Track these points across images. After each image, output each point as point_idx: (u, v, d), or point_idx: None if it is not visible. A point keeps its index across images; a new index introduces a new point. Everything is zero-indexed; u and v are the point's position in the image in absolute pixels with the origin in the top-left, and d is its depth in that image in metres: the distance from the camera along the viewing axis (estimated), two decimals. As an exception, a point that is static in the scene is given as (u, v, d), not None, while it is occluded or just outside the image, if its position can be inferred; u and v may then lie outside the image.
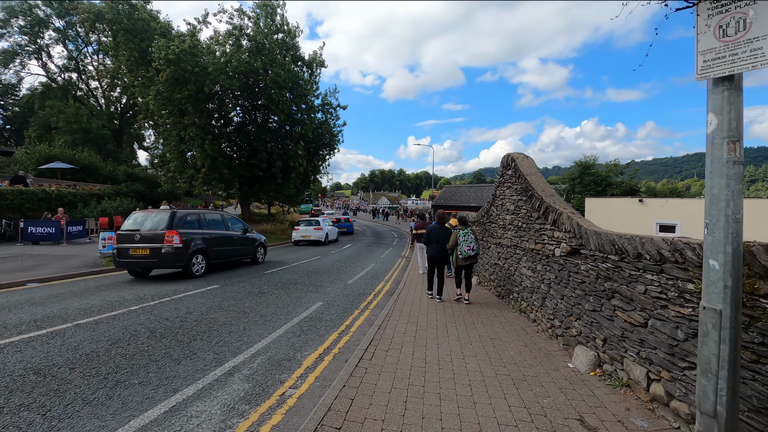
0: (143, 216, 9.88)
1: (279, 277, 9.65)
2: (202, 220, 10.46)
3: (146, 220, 9.57)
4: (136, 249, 9.05)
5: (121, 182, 28.30)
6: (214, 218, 11.20)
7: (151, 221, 9.47)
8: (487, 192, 20.52)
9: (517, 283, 6.60)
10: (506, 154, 7.28)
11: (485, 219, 8.81)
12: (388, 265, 13.10)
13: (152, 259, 8.98)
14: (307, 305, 6.81)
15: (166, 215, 9.53)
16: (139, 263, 9.19)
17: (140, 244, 9.05)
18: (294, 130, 26.59)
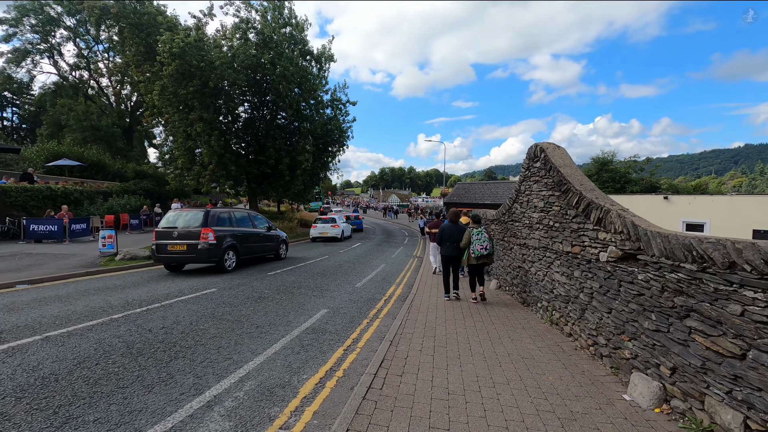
0: (180, 214, 10.49)
1: (282, 280, 8.99)
2: (232, 218, 10.99)
3: (183, 218, 10.13)
4: (173, 245, 9.58)
5: (130, 180, 28.11)
6: (242, 216, 11.80)
7: (187, 219, 10.05)
8: (501, 189, 19.66)
9: (548, 290, 5.80)
10: (533, 144, 6.47)
11: (507, 217, 8.01)
12: (399, 266, 12.37)
13: (189, 255, 9.52)
14: (311, 313, 6.12)
15: (201, 214, 10.13)
16: (176, 258, 9.71)
17: (178, 241, 9.58)
18: (302, 126, 25.99)
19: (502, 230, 8.34)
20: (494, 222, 9.06)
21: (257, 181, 27.11)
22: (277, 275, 9.63)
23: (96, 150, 28.95)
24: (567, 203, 5.09)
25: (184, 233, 9.65)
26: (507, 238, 7.99)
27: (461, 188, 21.31)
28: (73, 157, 25.91)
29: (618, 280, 3.91)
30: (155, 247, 9.80)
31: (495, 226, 8.97)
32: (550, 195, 5.72)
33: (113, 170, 28.92)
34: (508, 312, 6.49)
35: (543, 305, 5.99)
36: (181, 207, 24.73)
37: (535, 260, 6.32)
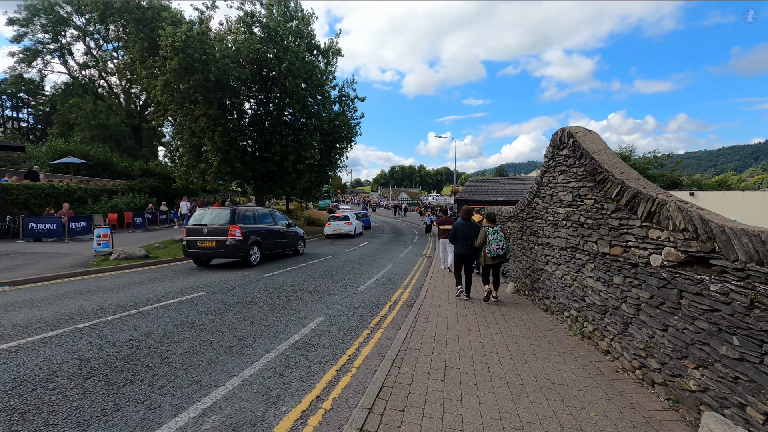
0: (209, 212, 11.08)
1: (279, 282, 8.31)
2: (256, 216, 11.65)
3: (211, 216, 10.70)
4: (203, 241, 10.14)
5: (137, 178, 27.88)
6: (264, 213, 12.52)
7: (215, 217, 10.60)
8: (516, 185, 18.72)
9: (577, 298, 4.98)
10: (559, 129, 5.64)
11: (526, 213, 7.18)
12: (407, 267, 11.60)
13: (218, 250, 10.10)
14: (304, 321, 5.40)
15: (228, 212, 10.77)
16: (206, 253, 10.30)
17: (207, 237, 10.16)
18: (309, 123, 25.39)
19: (521, 228, 7.51)
20: (511, 219, 8.24)
21: (263, 179, 26.61)
22: (274, 277, 8.96)
23: (103, 148, 28.81)
24: (604, 195, 4.27)
25: (213, 230, 10.20)
26: (526, 237, 7.16)
27: (473, 185, 20.41)
28: (80, 156, 25.76)
29: (678, 290, 3.09)
30: (186, 243, 10.36)
31: (512, 223, 8.15)
32: (580, 187, 4.90)
33: (120, 168, 28.74)
34: (529, 320, 5.69)
35: (571, 315, 5.17)
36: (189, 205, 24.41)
37: (561, 262, 5.50)
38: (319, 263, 11.54)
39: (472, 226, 7.19)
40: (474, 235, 7.02)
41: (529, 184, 18.81)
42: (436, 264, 12.06)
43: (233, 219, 10.34)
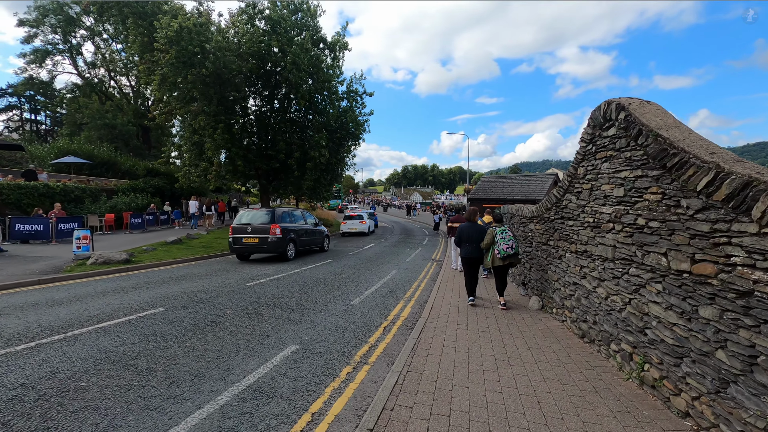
0: (246, 213, 12.54)
1: (259, 294, 7.17)
2: (290, 216, 13.01)
3: (251, 216, 12.00)
4: (248, 238, 11.46)
5: (141, 177, 27.33)
6: (297, 214, 13.99)
7: (255, 217, 11.91)
8: (534, 183, 17.24)
9: (633, 329, 3.65)
10: (603, 103, 4.29)
11: (553, 213, 5.84)
12: (413, 273, 10.34)
13: (261, 246, 11.41)
14: (270, 352, 4.21)
15: (269, 213, 12.07)
16: (249, 249, 11.61)
17: (251, 235, 11.45)
18: (315, 119, 24.34)
19: (546, 231, 6.17)
20: (533, 220, 6.89)
21: (267, 178, 25.67)
22: (256, 287, 7.81)
23: (107, 148, 28.35)
24: (681, 187, 2.94)
25: (256, 228, 11.46)
26: (554, 242, 5.82)
27: (486, 183, 18.98)
28: (83, 155, 25.28)
29: None
30: (232, 240, 11.70)
31: (535, 225, 6.81)
32: (637, 177, 3.56)
33: (124, 168, 28.24)
34: (561, 351, 4.38)
35: (622, 350, 3.84)
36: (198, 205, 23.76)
37: (606, 278, 4.16)
38: (314, 269, 10.40)
39: (478, 227, 6.95)
40: (480, 237, 6.73)
41: (549, 181, 17.30)
42: (447, 268, 10.79)
43: (273, 219, 11.67)
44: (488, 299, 7.11)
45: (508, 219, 9.75)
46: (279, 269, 10.22)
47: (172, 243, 14.04)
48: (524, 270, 7.73)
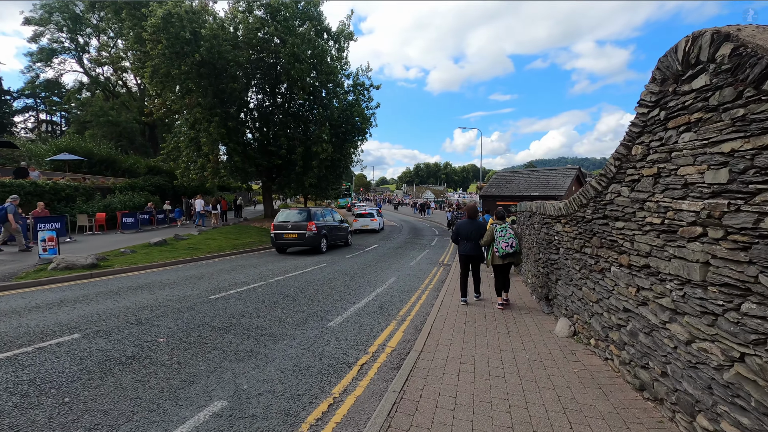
0: (290, 212, 14.03)
1: (218, 310, 5.87)
2: (322, 214, 14.48)
3: (290, 215, 13.60)
4: (288, 233, 13.02)
5: (141, 175, 26.57)
6: (326, 212, 15.52)
7: (293, 215, 13.54)
8: (554, 177, 15.54)
9: (754, 407, 2.18)
10: (684, 38, 2.78)
11: (590, 212, 4.35)
12: (415, 281, 8.93)
13: (299, 240, 12.95)
14: (173, 420, 2.86)
15: (305, 211, 13.76)
16: (289, 243, 13.20)
17: (291, 231, 12.99)
18: (318, 113, 23.10)
19: (580, 235, 4.67)
20: (560, 220, 5.40)
21: (270, 175, 24.56)
22: (220, 300, 6.52)
23: (107, 145, 27.66)
24: None
25: (295, 225, 13.08)
26: (593, 250, 4.32)
27: (501, 178, 17.38)
28: (82, 153, 24.61)
29: None
30: (274, 235, 13.34)
31: (563, 227, 5.31)
32: (759, 150, 2.08)
33: (125, 166, 27.52)
34: (614, 417, 2.92)
35: (710, 414, 2.37)
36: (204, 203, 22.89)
37: (688, 311, 2.68)
38: (299, 275, 9.08)
39: (477, 224, 6.75)
40: (479, 234, 6.58)
41: (571, 176, 15.59)
42: (455, 274, 9.36)
43: (309, 217, 13.32)
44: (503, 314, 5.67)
45: (527, 218, 8.26)
46: (259, 275, 8.94)
47: (156, 244, 12.93)
48: (547, 282, 6.23)
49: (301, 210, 14.11)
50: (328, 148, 21.47)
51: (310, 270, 9.86)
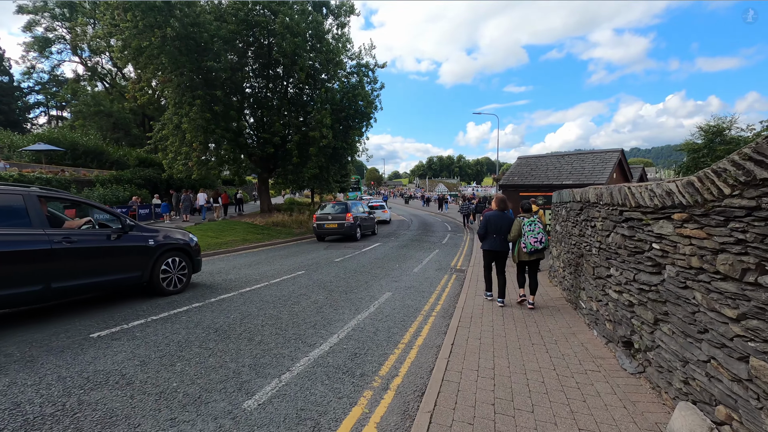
0: (331, 205, 16.15)
1: (96, 368, 3.61)
2: (356, 206, 16.59)
3: (332, 208, 15.81)
4: (329, 224, 15.13)
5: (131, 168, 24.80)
6: (359, 204, 17.59)
7: (335, 208, 15.73)
8: (590, 163, 12.70)
9: None
10: None
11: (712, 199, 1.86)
12: (416, 299, 6.53)
13: (339, 230, 15.05)
14: None
15: (343, 204, 15.98)
16: (330, 232, 15.18)
17: (332, 221, 15.14)
18: (316, 95, 20.76)
19: (736, 246, 2.18)
20: (671, 216, 2.89)
21: (265, 166, 22.37)
22: (100, 354, 4.27)
23: (95, 136, 25.93)
24: None
25: (335, 217, 15.07)
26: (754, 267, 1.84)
27: (524, 165, 14.78)
28: (66, 144, 22.92)
29: None
30: (316, 225, 15.17)
31: (683, 228, 2.81)
32: None
33: (114, 157, 25.79)
34: None
35: None
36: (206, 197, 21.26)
37: None
38: (253, 292, 6.78)
39: (508, 218, 6.05)
40: (509, 229, 5.94)
41: (612, 160, 12.83)
42: (472, 283, 6.96)
43: (347, 209, 15.16)
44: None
45: (575, 214, 5.79)
46: (154, 307, 6.69)
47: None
48: (631, 318, 3.75)
49: (339, 203, 16.27)
50: (328, 134, 19.15)
51: (278, 282, 7.56)
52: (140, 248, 5.96)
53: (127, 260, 5.82)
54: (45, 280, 4.80)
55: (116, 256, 5.68)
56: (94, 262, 5.39)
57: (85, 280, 5.24)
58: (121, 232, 5.76)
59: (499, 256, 6.11)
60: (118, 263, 5.71)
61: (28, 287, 4.66)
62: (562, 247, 6.97)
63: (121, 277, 5.73)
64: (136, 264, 5.92)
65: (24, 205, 4.82)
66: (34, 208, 4.88)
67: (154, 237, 6.22)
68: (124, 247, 5.77)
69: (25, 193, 4.89)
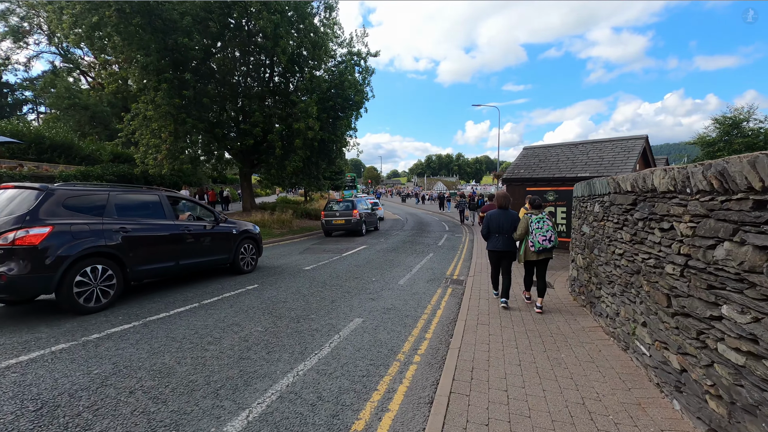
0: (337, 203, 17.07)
1: None
2: (361, 202, 17.78)
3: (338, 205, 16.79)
4: (337, 219, 16.02)
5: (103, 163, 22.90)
6: (364, 201, 19.40)
7: (341, 205, 16.66)
8: (609, 152, 10.83)
9: None
10: None
11: None
12: (395, 328, 4.71)
13: (346, 225, 15.84)
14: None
15: (350, 202, 16.85)
16: (337, 227, 16.01)
17: (339, 217, 16.06)
18: (300, 82, 18.93)
19: None
20: None
21: (245, 159, 20.48)
22: None
23: (64, 130, 24.02)
24: None
25: (342, 213, 16.14)
26: None
27: (531, 156, 12.94)
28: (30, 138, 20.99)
29: None
30: (324, 221, 16.29)
31: None
32: None
33: (85, 152, 23.87)
34: None
35: None
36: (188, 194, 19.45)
37: None
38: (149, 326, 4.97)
39: (511, 215, 5.60)
40: (512, 227, 5.51)
41: (636, 149, 10.91)
42: (473, 301, 5.16)
43: (354, 206, 16.28)
44: None
45: (621, 211, 3.99)
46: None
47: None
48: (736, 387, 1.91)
49: (345, 200, 17.08)
50: (314, 125, 17.34)
51: (214, 302, 5.72)
52: (228, 235, 7.62)
53: (221, 245, 7.45)
54: (176, 258, 6.39)
55: (214, 241, 7.29)
56: (202, 245, 6.97)
57: (197, 259, 6.85)
58: (215, 223, 7.40)
59: (503, 255, 5.65)
60: (215, 247, 7.32)
61: (167, 263, 6.23)
62: (593, 255, 5.15)
63: (216, 258, 7.36)
64: (225, 248, 7.56)
65: (160, 202, 6.37)
66: (166, 205, 6.44)
67: (236, 227, 7.88)
68: (218, 234, 7.39)
69: (159, 193, 6.49)
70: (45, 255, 4.72)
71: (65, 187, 5.40)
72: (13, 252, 4.57)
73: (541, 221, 5.24)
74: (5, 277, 4.48)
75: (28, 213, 4.83)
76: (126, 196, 5.96)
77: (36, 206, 4.90)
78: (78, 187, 5.59)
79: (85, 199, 5.47)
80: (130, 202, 5.95)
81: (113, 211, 5.63)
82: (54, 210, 5.03)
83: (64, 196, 5.24)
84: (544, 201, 11.44)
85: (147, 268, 5.87)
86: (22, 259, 4.59)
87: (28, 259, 4.61)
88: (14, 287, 4.57)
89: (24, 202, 5.00)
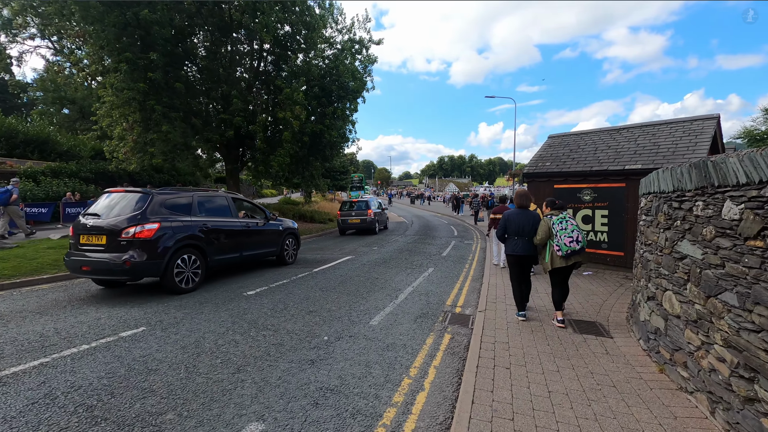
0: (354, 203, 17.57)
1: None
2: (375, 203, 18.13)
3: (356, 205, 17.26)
4: (352, 219, 16.61)
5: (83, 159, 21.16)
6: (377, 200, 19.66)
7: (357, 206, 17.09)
8: (667, 137, 8.08)
9: None
10: None
11: None
12: (367, 395, 2.32)
13: (361, 224, 16.44)
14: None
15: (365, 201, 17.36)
16: (353, 226, 16.73)
17: (354, 216, 16.61)
18: (287, 66, 16.71)
19: None
20: None
21: (229, 154, 18.26)
22: None
23: (40, 124, 22.37)
24: None
25: (358, 213, 16.64)
26: None
27: (560, 145, 10.30)
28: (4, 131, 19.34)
29: None
30: (340, 220, 16.97)
31: None
32: None
33: (64, 147, 22.17)
34: None
35: None
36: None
37: None
38: None
39: (532, 215, 4.91)
40: (533, 229, 4.81)
41: (707, 131, 7.42)
42: (487, 368, 2.64)
43: (368, 206, 16.74)
44: None
45: None
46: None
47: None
48: None
49: (360, 200, 17.56)
50: (301, 113, 15.10)
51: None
52: (276, 231, 8.81)
53: (271, 239, 8.63)
54: (240, 250, 7.61)
55: (266, 236, 8.45)
56: (257, 239, 8.16)
57: (254, 251, 8.10)
58: (266, 220, 8.54)
59: (524, 260, 4.89)
60: (266, 241, 8.48)
61: (234, 254, 7.46)
62: (716, 303, 2.61)
63: (267, 251, 8.54)
64: (274, 242, 8.73)
65: (227, 204, 7.59)
66: (231, 205, 7.67)
67: (282, 224, 9.11)
68: (268, 230, 8.56)
69: (226, 195, 7.74)
70: (157, 245, 5.79)
71: (165, 191, 6.52)
72: (134, 243, 5.63)
73: (564, 221, 4.61)
74: (129, 262, 5.48)
75: (140, 212, 5.84)
76: (204, 198, 7.14)
77: (145, 207, 5.91)
78: (174, 190, 6.73)
79: (178, 200, 6.57)
80: (208, 203, 7.13)
81: (197, 210, 6.74)
82: (157, 209, 6.06)
83: (165, 198, 6.31)
84: (579, 201, 8.84)
85: (220, 258, 7.02)
86: (140, 248, 5.65)
87: (145, 248, 5.68)
88: (135, 270, 5.57)
89: (130, 204, 6.00)
